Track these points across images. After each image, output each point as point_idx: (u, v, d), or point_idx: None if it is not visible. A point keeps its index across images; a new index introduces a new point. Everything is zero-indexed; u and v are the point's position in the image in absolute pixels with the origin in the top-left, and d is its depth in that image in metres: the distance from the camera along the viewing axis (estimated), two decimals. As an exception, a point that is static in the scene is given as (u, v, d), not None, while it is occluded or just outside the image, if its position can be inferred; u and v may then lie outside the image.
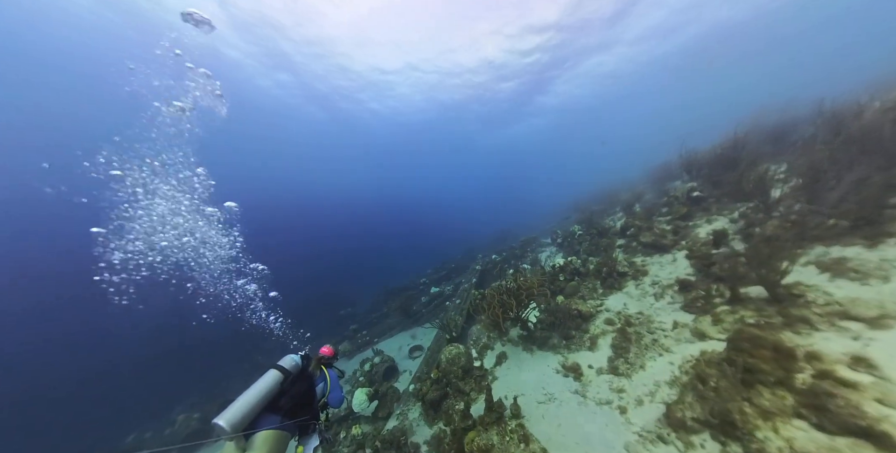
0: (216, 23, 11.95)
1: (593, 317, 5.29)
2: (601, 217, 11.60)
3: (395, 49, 18.53)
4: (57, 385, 16.26)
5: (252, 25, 15.36)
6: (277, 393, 2.31)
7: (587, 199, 16.03)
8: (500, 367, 4.92)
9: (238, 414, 2.02)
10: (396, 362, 7.90)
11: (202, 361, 14.42)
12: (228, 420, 1.97)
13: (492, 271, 11.07)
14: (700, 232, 6.55)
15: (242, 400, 2.13)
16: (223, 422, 1.96)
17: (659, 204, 9.33)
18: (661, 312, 4.90)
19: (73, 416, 12.80)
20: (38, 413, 13.80)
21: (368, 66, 19.95)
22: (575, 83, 25.38)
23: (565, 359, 4.66)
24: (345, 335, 11.66)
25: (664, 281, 5.63)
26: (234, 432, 1.97)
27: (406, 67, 20.61)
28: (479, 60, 20.64)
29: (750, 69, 36.65)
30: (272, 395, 2.27)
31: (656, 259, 6.54)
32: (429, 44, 18.53)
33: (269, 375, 2.38)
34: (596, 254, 8.25)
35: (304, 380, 2.53)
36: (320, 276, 31.29)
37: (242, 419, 2.03)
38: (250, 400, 2.14)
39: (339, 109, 26.18)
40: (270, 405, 2.23)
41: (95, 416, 12.17)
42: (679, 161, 8.97)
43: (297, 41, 16.79)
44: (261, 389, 2.24)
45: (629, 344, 4.44)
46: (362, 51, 18.32)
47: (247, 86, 20.59)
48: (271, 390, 2.28)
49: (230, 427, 1.96)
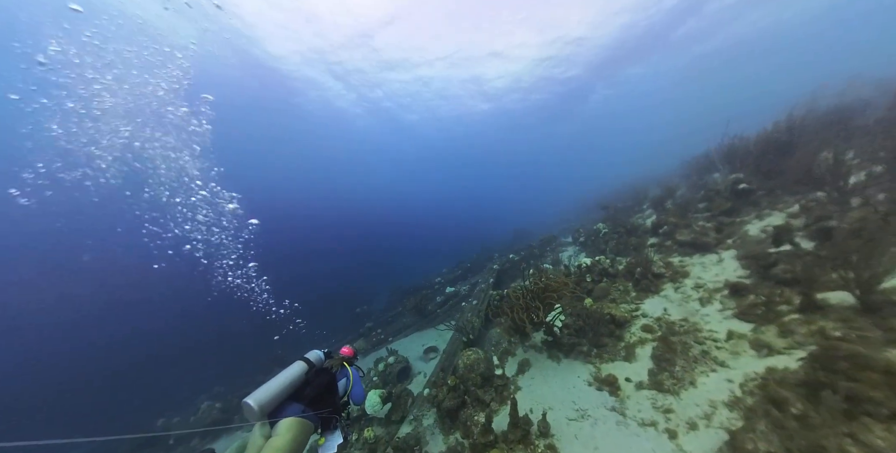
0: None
1: (628, 323, 4.71)
2: (627, 214, 10.78)
3: (440, 53, 18.20)
4: (99, 373, 17.37)
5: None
6: (302, 383, 2.38)
7: (610, 196, 15.09)
8: (523, 376, 4.46)
9: (266, 396, 2.11)
10: (410, 363, 7.59)
11: (227, 354, 14.85)
12: (258, 400, 2.06)
13: (509, 271, 10.56)
14: (750, 228, 5.76)
15: (271, 383, 2.22)
16: (252, 402, 2.04)
17: (695, 199, 8.46)
18: (709, 320, 4.26)
19: (112, 401, 13.54)
20: (82, 398, 14.74)
21: (412, 70, 19.76)
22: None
23: (598, 370, 4.14)
24: (360, 333, 11.53)
25: (709, 284, 4.95)
26: (261, 412, 2.04)
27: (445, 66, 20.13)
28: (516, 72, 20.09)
29: (801, 48, 32.93)
30: (297, 384, 2.35)
31: (697, 259, 5.83)
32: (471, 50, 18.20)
33: (296, 365, 2.46)
34: (625, 253, 7.57)
35: (326, 374, 2.60)
36: (337, 274, 31.85)
37: (270, 401, 2.11)
38: (278, 385, 2.23)
39: (382, 111, 26.21)
40: (295, 393, 2.30)
41: (131, 401, 12.79)
42: (719, 151, 8.09)
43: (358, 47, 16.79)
44: (288, 377, 2.33)
45: (674, 356, 3.85)
46: (413, 54, 18.20)
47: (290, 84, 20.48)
48: (297, 379, 2.36)
49: (258, 406, 2.04)
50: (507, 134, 39.67)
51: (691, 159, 10.44)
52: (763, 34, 24.41)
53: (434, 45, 17.91)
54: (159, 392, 12.86)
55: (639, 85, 29.69)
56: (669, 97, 38.60)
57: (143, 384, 14.51)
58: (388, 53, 18.07)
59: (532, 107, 29.97)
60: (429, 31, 16.74)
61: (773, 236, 4.57)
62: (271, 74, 18.61)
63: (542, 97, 27.88)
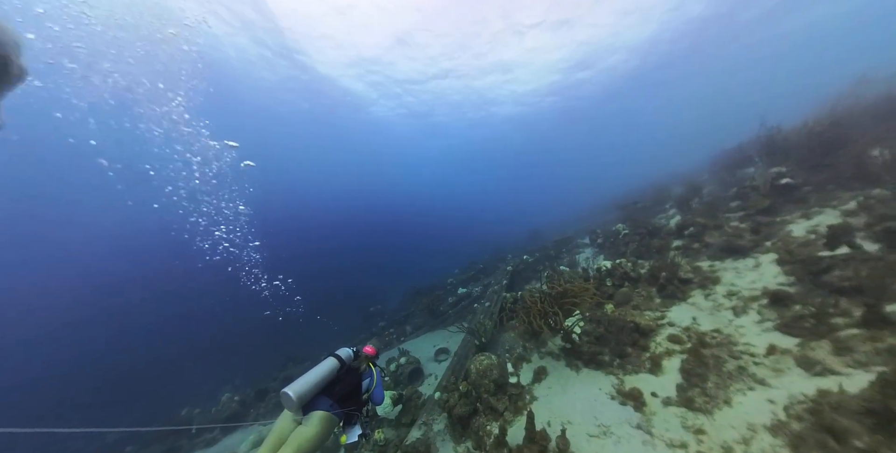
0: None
1: (654, 331, 4.37)
2: (648, 214, 10.20)
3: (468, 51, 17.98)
4: (133, 365, 18.47)
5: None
6: (333, 380, 2.47)
7: (628, 196, 14.39)
8: (539, 385, 4.22)
9: (304, 388, 2.22)
10: (422, 364, 7.49)
11: (246, 350, 15.37)
12: (296, 391, 2.16)
13: (523, 273, 10.25)
14: (794, 229, 5.23)
15: (308, 377, 2.31)
16: (292, 393, 2.14)
17: (725, 197, 7.86)
18: (745, 332, 3.87)
19: (143, 391, 14.31)
20: (120, 388, 15.67)
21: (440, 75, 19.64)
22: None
23: (620, 382, 3.84)
24: (373, 331, 11.58)
25: (745, 291, 4.52)
26: (298, 402, 2.15)
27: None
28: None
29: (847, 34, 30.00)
30: (329, 380, 2.43)
31: (729, 264, 5.36)
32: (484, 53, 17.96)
33: (329, 362, 2.53)
34: (647, 256, 7.12)
35: (355, 374, 2.69)
36: (352, 274, 32.34)
37: (306, 393, 2.22)
38: (314, 378, 2.32)
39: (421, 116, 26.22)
40: (326, 389, 2.39)
41: (158, 392, 13.47)
42: (756, 143, 7.44)
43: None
44: (322, 372, 2.41)
45: (706, 371, 3.51)
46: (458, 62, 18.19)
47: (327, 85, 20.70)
48: (329, 375, 2.44)
49: (297, 397, 2.15)
50: (525, 135, 38.96)
51: (720, 154, 9.72)
52: (789, 32, 22.58)
53: (451, 51, 17.75)
54: (185, 383, 13.46)
55: (660, 84, 28.27)
56: (690, 94, 36.54)
57: (170, 375, 15.28)
58: (418, 59, 18.04)
59: (554, 109, 29.24)
60: (451, 38, 16.61)
61: (828, 237, 4.07)
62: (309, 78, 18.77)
63: (562, 101, 27.15)
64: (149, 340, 23.35)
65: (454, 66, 19.84)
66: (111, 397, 14.32)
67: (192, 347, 18.66)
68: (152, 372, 16.11)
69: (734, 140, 9.85)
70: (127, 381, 15.55)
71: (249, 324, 19.55)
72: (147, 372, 16.37)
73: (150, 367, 16.99)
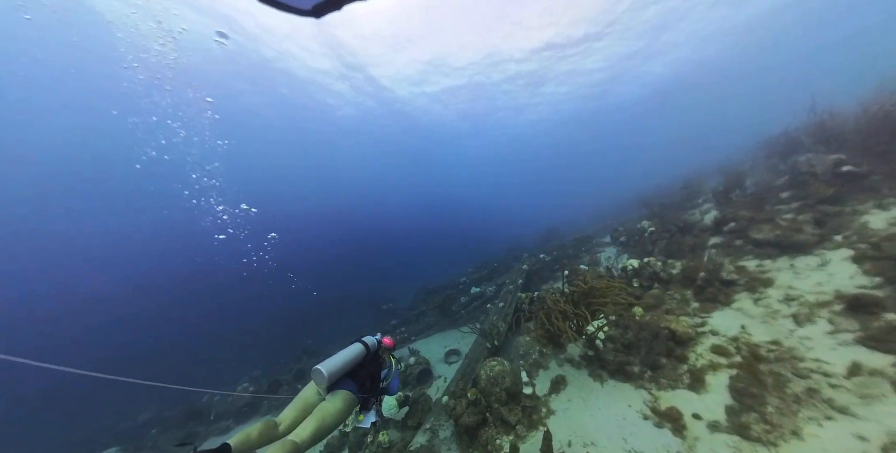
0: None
1: (693, 340, 3.71)
2: (676, 211, 9.23)
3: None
4: (162, 354, 19.59)
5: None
6: (359, 365, 2.52)
7: (651, 193, 13.26)
8: (557, 397, 3.69)
9: (336, 366, 2.29)
10: (431, 365, 7.11)
11: (269, 340, 15.74)
12: (329, 369, 2.23)
13: (539, 272, 9.60)
14: (871, 220, 4.34)
15: (339, 357, 2.40)
16: (324, 370, 2.20)
17: (774, 187, 6.86)
18: (813, 345, 3.15)
19: (174, 374, 15.03)
20: (146, 369, 16.60)
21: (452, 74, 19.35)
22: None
23: (654, 399, 3.25)
24: (385, 330, 11.37)
25: (808, 296, 3.75)
26: (329, 379, 2.21)
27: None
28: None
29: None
30: (356, 364, 2.49)
31: (783, 263, 4.55)
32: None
33: (356, 347, 2.59)
34: (678, 255, 6.32)
35: (375, 362, 2.73)
36: (364, 271, 32.58)
37: (337, 371, 2.29)
38: (344, 360, 2.39)
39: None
40: (351, 372, 2.45)
41: (185, 377, 14.06)
42: (808, 129, 6.43)
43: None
44: (351, 355, 2.48)
45: (764, 391, 2.85)
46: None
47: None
48: (357, 359, 2.50)
49: (328, 374, 2.20)
50: (549, 138, 37.65)
51: (764, 142, 8.60)
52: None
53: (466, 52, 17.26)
54: (209, 372, 13.96)
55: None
56: (714, 87, 33.53)
57: (196, 365, 15.97)
58: (434, 60, 17.76)
59: (584, 111, 27.93)
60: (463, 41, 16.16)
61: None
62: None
63: (593, 103, 25.84)
64: (182, 332, 24.72)
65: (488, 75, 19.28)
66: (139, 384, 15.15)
67: (217, 338, 19.47)
68: (183, 361, 16.92)
69: (773, 128, 8.72)
70: (157, 369, 16.45)
71: (272, 317, 20.11)
72: (177, 361, 17.22)
73: (182, 357, 17.87)
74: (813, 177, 5.55)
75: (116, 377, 1.89)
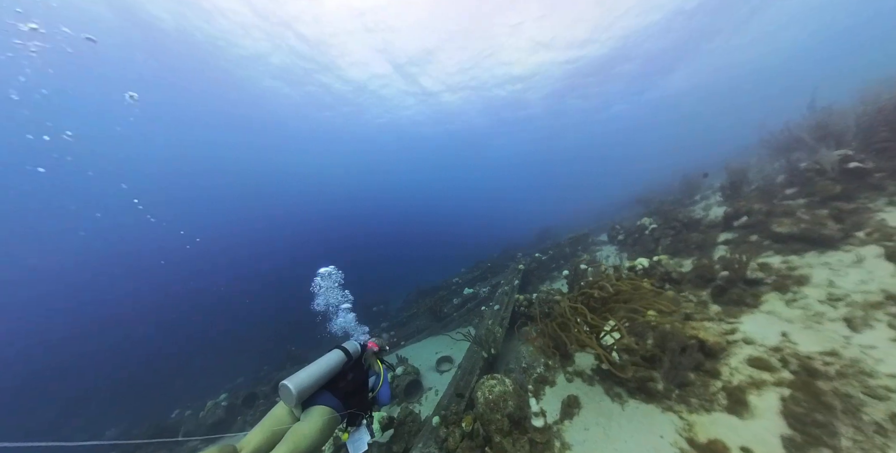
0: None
1: (724, 351, 3.09)
2: (675, 208, 8.77)
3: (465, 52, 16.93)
4: (139, 361, 18.09)
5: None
6: (339, 374, 2.16)
7: (647, 190, 12.89)
8: (570, 424, 2.99)
9: (306, 381, 1.89)
10: (422, 374, 6.36)
11: (251, 348, 14.61)
12: (297, 384, 1.83)
13: (536, 271, 8.98)
14: (887, 218, 3.88)
15: (311, 369, 1.99)
16: (291, 385, 1.81)
17: (776, 185, 6.43)
18: (883, 355, 2.56)
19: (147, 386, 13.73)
20: (124, 387, 15.21)
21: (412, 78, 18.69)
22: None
23: (688, 426, 2.59)
24: (373, 333, 10.53)
25: (855, 295, 3.19)
26: (298, 397, 1.83)
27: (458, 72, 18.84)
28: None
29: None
30: (334, 374, 2.12)
31: (813, 259, 4.01)
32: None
33: (334, 354, 2.21)
34: (684, 253, 5.78)
35: (360, 369, 2.36)
36: (354, 272, 31.34)
37: (308, 386, 1.90)
38: (318, 371, 2.00)
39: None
40: (330, 383, 2.07)
41: (164, 387, 12.84)
42: (807, 126, 6.04)
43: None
44: (327, 364, 2.09)
45: (832, 419, 2.23)
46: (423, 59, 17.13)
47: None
48: (335, 369, 2.12)
49: (297, 391, 1.81)
50: (535, 134, 37.29)
51: (765, 137, 8.21)
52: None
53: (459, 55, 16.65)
54: (189, 381, 12.78)
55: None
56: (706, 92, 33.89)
57: (176, 372, 14.69)
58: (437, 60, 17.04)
59: (573, 109, 27.61)
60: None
61: None
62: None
63: (578, 101, 25.53)
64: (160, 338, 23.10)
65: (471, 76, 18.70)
66: (113, 395, 13.83)
67: (201, 345, 18.14)
68: (161, 370, 15.58)
69: (771, 124, 8.37)
70: (133, 378, 15.09)
71: (256, 322, 18.91)
72: (155, 368, 15.87)
73: (159, 363, 16.51)
74: (819, 174, 5.10)
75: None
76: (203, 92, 18.16)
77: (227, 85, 17.44)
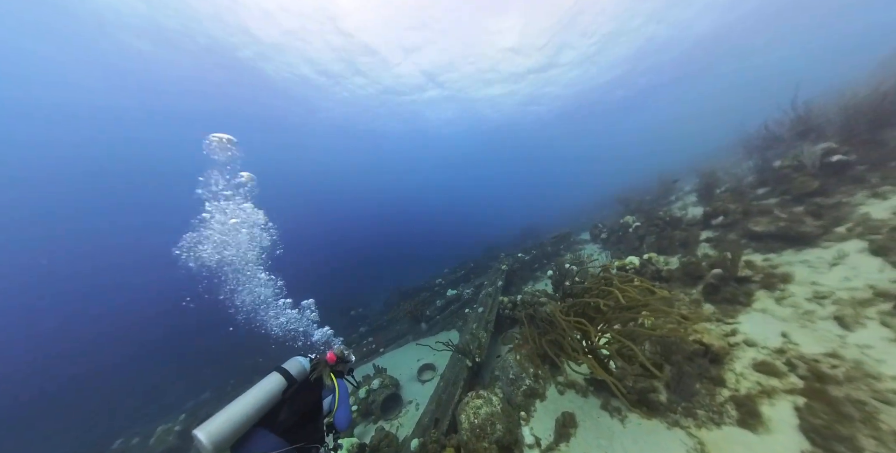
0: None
1: (728, 356, 2.84)
2: (655, 207, 8.89)
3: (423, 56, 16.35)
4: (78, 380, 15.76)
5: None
6: (278, 404, 1.70)
7: (626, 190, 13.15)
8: (568, 448, 2.59)
9: (224, 428, 1.44)
10: (402, 385, 5.78)
11: (224, 356, 13.09)
12: (211, 435, 1.38)
13: (519, 272, 8.69)
14: (871, 211, 3.89)
15: (232, 410, 1.53)
16: (203, 436, 1.36)
17: (748, 184, 6.58)
18: (882, 356, 2.39)
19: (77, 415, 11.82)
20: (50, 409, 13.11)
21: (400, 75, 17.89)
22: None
23: (700, 446, 2.28)
24: (350, 339, 9.75)
25: (841, 292, 3.08)
26: (216, 448, 1.40)
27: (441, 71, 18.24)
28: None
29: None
30: (270, 406, 1.66)
31: (792, 256, 3.96)
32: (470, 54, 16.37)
33: (270, 380, 1.76)
34: (669, 251, 5.69)
35: (311, 391, 1.90)
36: (332, 274, 29.86)
37: (230, 434, 1.45)
38: (242, 410, 1.54)
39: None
40: (267, 418, 1.63)
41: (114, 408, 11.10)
42: (786, 123, 6.20)
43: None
44: (257, 398, 1.63)
45: (854, 431, 1.99)
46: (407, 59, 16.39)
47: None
48: (270, 399, 1.67)
49: (211, 441, 1.37)
50: (517, 139, 37.68)
51: (741, 139, 8.47)
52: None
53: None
54: (147, 399, 11.14)
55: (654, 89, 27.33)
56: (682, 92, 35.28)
57: (131, 391, 12.84)
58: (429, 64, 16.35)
59: (553, 112, 27.95)
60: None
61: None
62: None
63: (572, 103, 25.87)
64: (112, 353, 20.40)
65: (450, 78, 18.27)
66: (48, 418, 11.82)
67: (166, 358, 16.09)
68: (117, 387, 13.55)
69: (750, 124, 8.57)
70: (79, 397, 13.02)
71: (226, 330, 17.16)
72: (113, 387, 13.78)
73: (118, 383, 14.38)
74: (796, 170, 5.19)
75: None
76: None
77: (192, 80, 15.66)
